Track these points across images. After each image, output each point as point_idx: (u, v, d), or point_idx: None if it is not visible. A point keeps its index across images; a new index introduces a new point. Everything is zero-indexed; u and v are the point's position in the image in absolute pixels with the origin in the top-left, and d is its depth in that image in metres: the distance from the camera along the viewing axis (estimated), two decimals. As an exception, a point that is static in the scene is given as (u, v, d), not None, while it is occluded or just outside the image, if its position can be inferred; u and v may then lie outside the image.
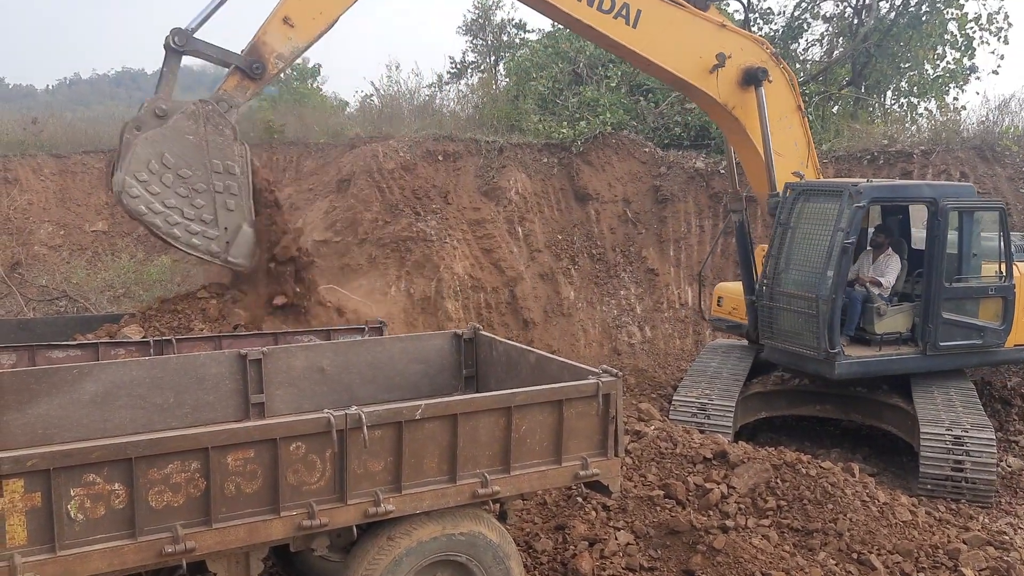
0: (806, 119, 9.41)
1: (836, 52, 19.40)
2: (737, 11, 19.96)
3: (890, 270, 9.62)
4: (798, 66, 19.21)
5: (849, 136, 16.34)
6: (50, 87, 72.85)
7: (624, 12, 8.46)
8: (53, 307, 16.35)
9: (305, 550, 4.69)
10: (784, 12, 19.15)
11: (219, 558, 4.35)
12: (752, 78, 8.68)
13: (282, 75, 30.81)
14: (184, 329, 7.52)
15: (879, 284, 9.53)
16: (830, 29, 19.81)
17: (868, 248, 10.02)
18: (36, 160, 20.21)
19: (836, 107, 19.13)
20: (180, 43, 7.64)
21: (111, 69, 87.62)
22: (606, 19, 8.50)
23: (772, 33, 19.09)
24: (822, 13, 19.27)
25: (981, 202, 9.65)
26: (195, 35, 7.79)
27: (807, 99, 17.29)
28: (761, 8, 19.16)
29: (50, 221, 19.45)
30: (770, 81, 8.74)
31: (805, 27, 19.15)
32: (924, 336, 9.20)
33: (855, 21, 18.64)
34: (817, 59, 19.94)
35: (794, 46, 19.30)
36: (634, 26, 8.54)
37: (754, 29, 19.51)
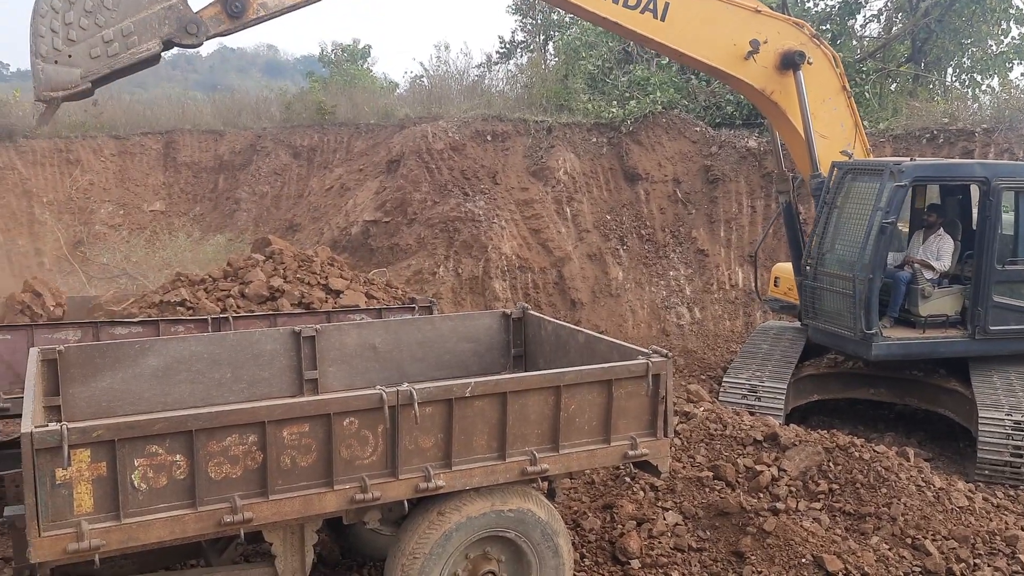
0: (852, 99, 9.23)
1: (895, 28, 18.90)
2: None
3: (944, 252, 9.39)
4: (855, 43, 18.78)
5: (908, 114, 15.95)
6: (109, 70, 74.27)
7: (651, 6, 8.40)
8: (114, 284, 16.81)
9: (357, 523, 4.78)
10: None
11: (275, 529, 4.47)
12: (790, 62, 8.55)
13: (333, 56, 31.08)
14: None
15: (931, 267, 9.34)
16: (888, 4, 19.30)
17: (920, 228, 9.79)
18: (97, 141, 20.73)
19: (894, 85, 18.66)
20: None
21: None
22: (633, 15, 8.45)
23: (828, 9, 18.66)
24: (881, -11, 18.81)
25: None
26: None
27: (864, 76, 16.92)
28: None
29: (110, 201, 19.97)
30: (810, 63, 8.60)
31: (863, 2, 18.68)
32: (974, 320, 8.97)
33: (915, -4, 18.15)
34: (875, 35, 19.46)
35: (851, 22, 18.84)
36: (662, 19, 8.47)
37: (809, 5, 19.10)
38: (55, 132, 20.55)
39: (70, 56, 6.72)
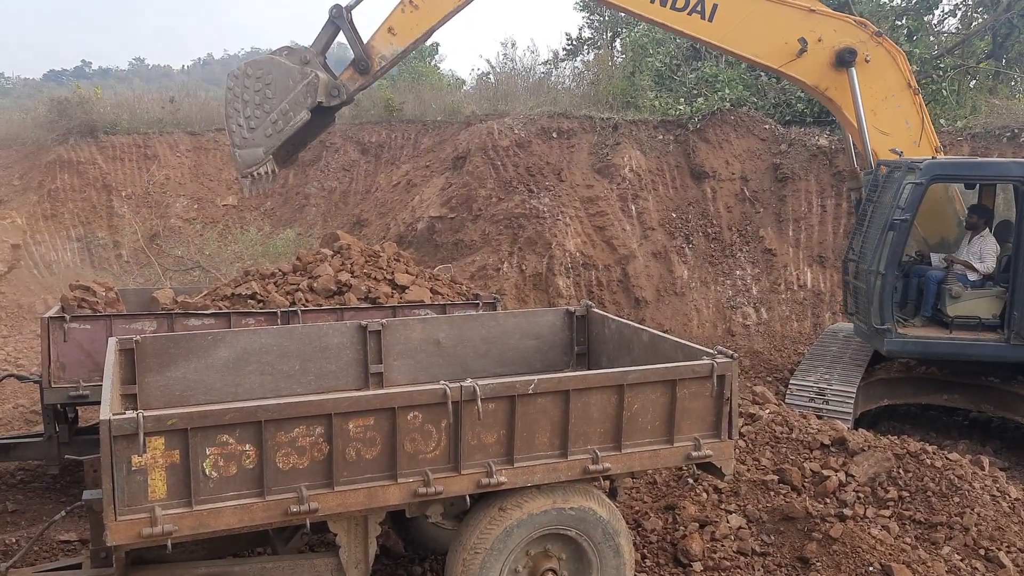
0: (920, 97, 9.03)
1: (974, 24, 18.25)
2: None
3: (987, 253, 9.12)
4: (932, 39, 18.20)
5: (987, 112, 15.40)
6: (185, 67, 76.65)
7: (699, 8, 8.64)
8: (187, 276, 17.31)
9: (420, 516, 4.84)
10: (919, -18, 18.10)
11: (339, 520, 4.55)
12: (843, 59, 8.56)
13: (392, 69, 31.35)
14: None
15: (974, 268, 9.11)
16: (967, 0, 18.66)
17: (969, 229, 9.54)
18: (173, 137, 21.36)
19: (973, 82, 18.04)
20: (333, 14, 9.40)
21: (241, 50, 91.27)
22: (680, 16, 8.71)
23: (904, 3, 18.12)
24: (960, -18, 18.18)
25: None
26: (351, 10, 9.50)
27: (942, 73, 16.39)
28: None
29: (185, 195, 20.55)
30: (867, 61, 8.56)
31: (940, -2, 18.11)
32: (1010, 324, 8.67)
33: (997, -10, 17.50)
34: (953, 31, 18.83)
35: (928, 17, 18.26)
36: (710, 20, 8.70)
37: (884, 1, 18.58)
38: (134, 128, 21.26)
39: (253, 140, 9.09)
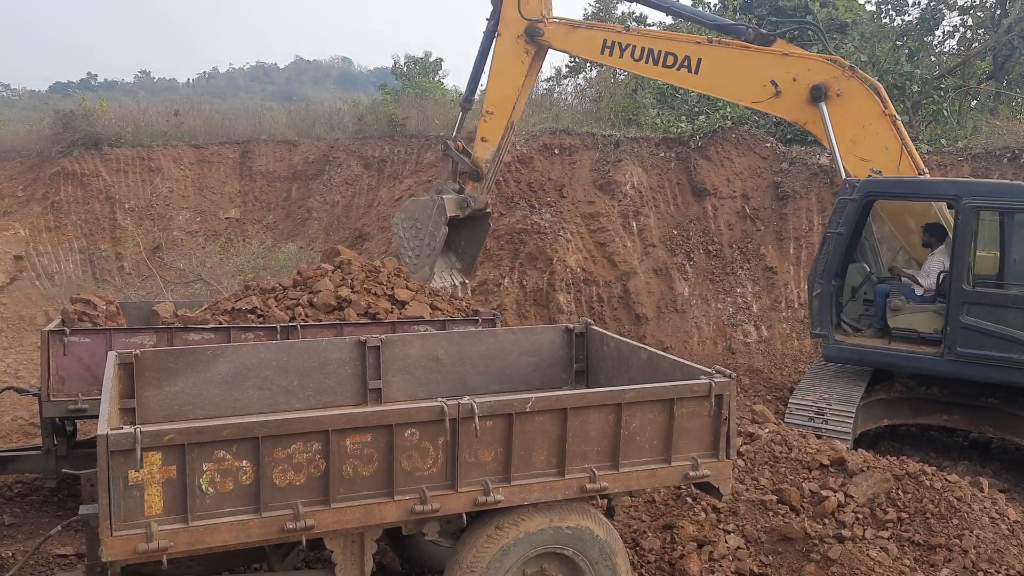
0: (898, 123, 9.37)
1: (975, 44, 18.33)
2: (868, 2, 19.16)
3: (931, 270, 9.43)
4: (933, 59, 18.27)
5: (988, 132, 15.44)
6: (190, 80, 76.97)
7: (686, 63, 9.51)
8: (189, 289, 17.33)
9: (416, 534, 4.82)
10: (919, 3, 18.16)
11: (336, 537, 4.54)
12: (816, 95, 9.11)
13: (405, 69, 31.56)
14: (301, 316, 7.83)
15: (918, 283, 9.49)
16: (967, 20, 18.73)
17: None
18: (177, 150, 21.43)
19: (974, 102, 18.09)
20: (446, 150, 12.17)
21: (246, 63, 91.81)
22: (671, 72, 9.70)
23: (905, 24, 18.21)
24: (959, 4, 18.22)
25: (1022, 203, 8.75)
26: (456, 140, 12.16)
27: (943, 93, 16.45)
28: (894, 0, 18.25)
29: (188, 208, 20.60)
30: (838, 95, 9.09)
31: (940, 18, 18.17)
32: (945, 339, 8.87)
33: (997, 12, 17.56)
34: (954, 52, 18.91)
35: (929, 38, 18.34)
36: (696, 72, 9.54)
37: (885, 20, 18.68)
38: (138, 141, 21.34)
39: (420, 263, 11.59)
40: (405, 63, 31.73)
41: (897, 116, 9.41)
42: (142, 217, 20.20)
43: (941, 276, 9.25)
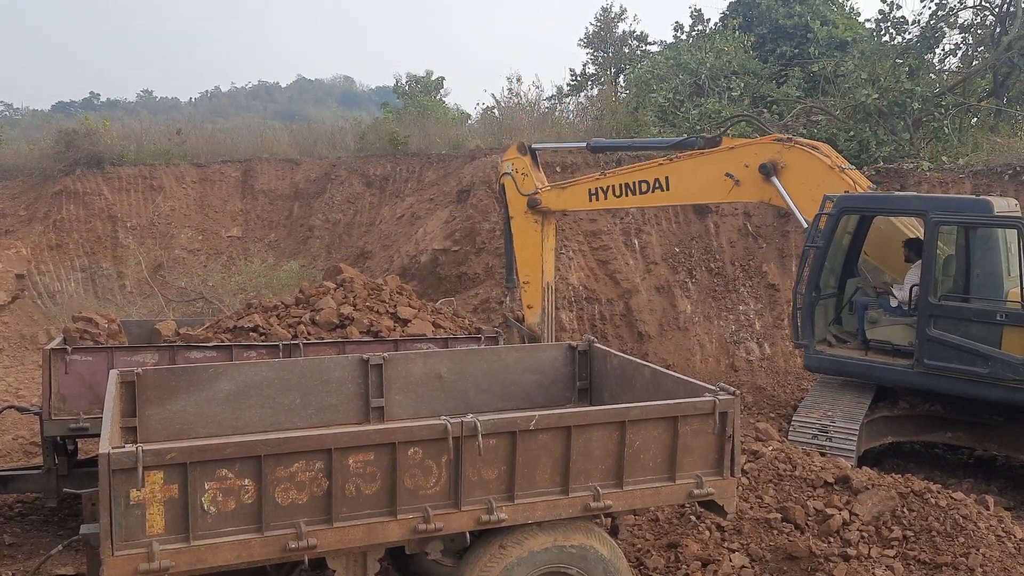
0: (847, 172, 9.81)
1: (975, 62, 18.40)
2: (868, 20, 19.25)
3: (906, 283, 9.55)
4: (933, 76, 18.34)
5: (989, 150, 15.46)
6: (193, 100, 77.39)
7: (657, 185, 10.33)
8: (191, 307, 17.32)
9: (419, 553, 4.79)
10: (919, 22, 18.26)
11: (338, 556, 4.51)
12: (767, 173, 9.67)
13: (407, 88, 31.73)
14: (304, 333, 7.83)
15: (894, 296, 9.67)
16: (967, 39, 18.82)
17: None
18: (179, 169, 21.50)
19: (975, 119, 18.14)
20: (509, 285, 12.31)
21: (248, 82, 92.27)
22: (647, 197, 10.51)
23: (905, 42, 18.30)
24: (959, 22, 18.33)
25: (988, 219, 8.84)
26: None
27: (944, 111, 16.51)
28: (894, 18, 18.34)
29: (190, 226, 20.64)
30: (784, 167, 9.65)
31: (941, 36, 18.26)
32: (916, 352, 8.98)
33: (997, 30, 17.64)
34: (954, 69, 18.98)
35: (929, 56, 18.42)
36: (668, 189, 10.32)
37: (886, 39, 18.77)
38: (141, 160, 21.42)
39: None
40: (407, 82, 31.92)
41: (844, 165, 9.96)
42: (144, 235, 20.25)
43: (913, 290, 9.35)
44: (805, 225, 9.67)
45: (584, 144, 12.54)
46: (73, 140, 21.28)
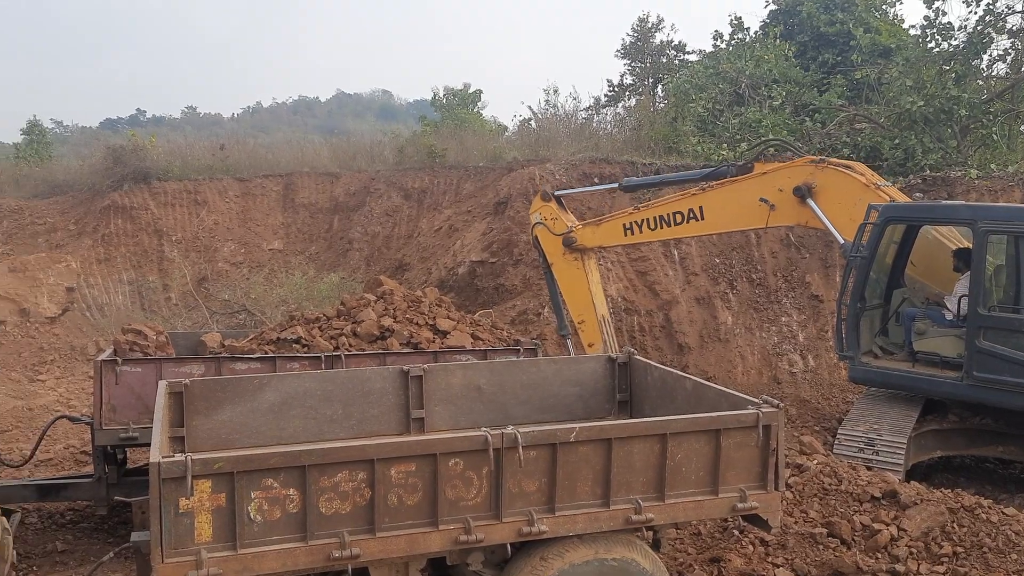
0: (883, 189, 9.67)
1: (1024, 68, 18.04)
2: (913, 27, 18.97)
3: (956, 293, 9.36)
4: (981, 83, 18.02)
5: (1040, 156, 15.15)
6: (235, 115, 78.70)
7: (692, 214, 10.30)
8: (234, 319, 17.58)
9: (460, 564, 4.80)
10: (965, 28, 17.94)
11: (381, 566, 4.54)
12: (801, 195, 9.60)
13: (444, 101, 31.96)
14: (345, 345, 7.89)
15: (947, 308, 9.47)
16: (1016, 44, 18.44)
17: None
18: (222, 183, 21.87)
19: (1024, 126, 17.80)
20: (564, 333, 12.12)
21: (288, 98, 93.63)
22: (683, 227, 10.47)
23: (951, 49, 17.99)
24: (1008, 27, 17.96)
25: None
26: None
27: (992, 117, 16.21)
28: (940, 25, 18.05)
29: (233, 240, 20.97)
30: (818, 188, 9.56)
31: (988, 42, 17.92)
32: (965, 364, 8.78)
33: (1048, 34, 17.30)
34: (1003, 75, 18.62)
35: (976, 62, 18.09)
36: (702, 219, 10.28)
37: (931, 45, 18.48)
38: (185, 175, 21.85)
39: None
40: (444, 95, 32.15)
41: (880, 183, 9.82)
42: (188, 249, 20.62)
43: (962, 300, 9.17)
44: (840, 237, 9.55)
45: (610, 185, 12.79)
46: (121, 156, 21.78)
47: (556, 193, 11.77)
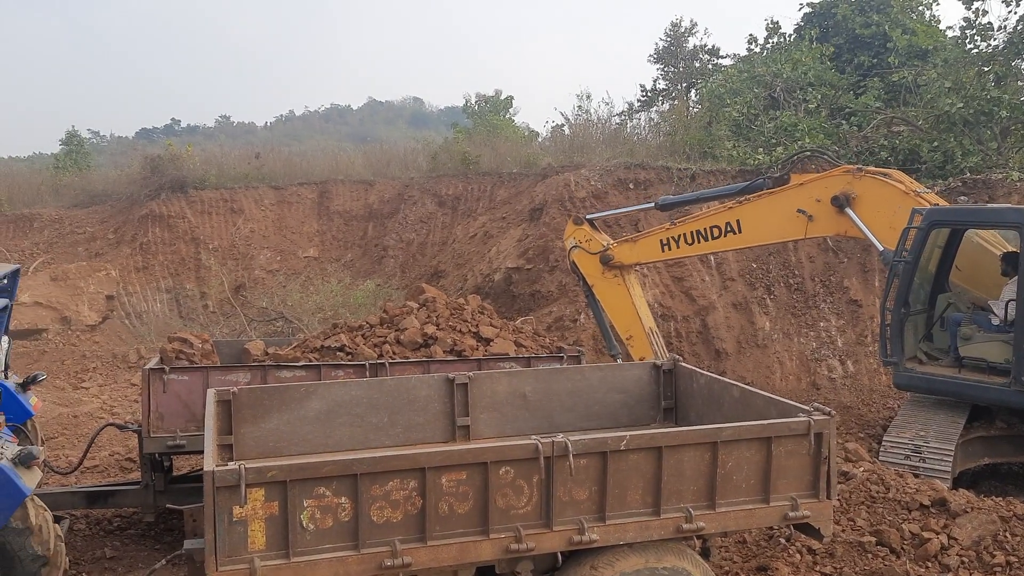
0: (923, 196, 9.54)
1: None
2: (950, 27, 18.70)
3: (1003, 298, 9.16)
4: (1021, 83, 17.71)
5: (1086, 158, 14.86)
6: (268, 124, 79.52)
7: (729, 228, 10.34)
8: (271, 327, 17.74)
9: (510, 573, 4.78)
10: (1005, 28, 17.65)
11: (431, 574, 4.54)
12: (840, 205, 9.54)
13: (476, 107, 32.06)
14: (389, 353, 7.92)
15: (994, 313, 9.28)
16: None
17: None
18: (258, 191, 22.10)
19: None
20: (614, 353, 11.61)
21: (320, 106, 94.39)
22: (719, 241, 10.48)
23: (991, 50, 17.72)
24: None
25: None
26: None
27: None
28: (980, 25, 17.78)
29: (269, 247, 21.17)
30: (856, 197, 9.50)
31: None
32: (1014, 370, 8.56)
33: (1090, 32, 16.97)
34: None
35: (1017, 62, 17.79)
36: (740, 232, 10.29)
37: (969, 46, 18.21)
38: (222, 183, 22.11)
39: None
40: (476, 102, 32.26)
41: (919, 190, 9.73)
42: (225, 257, 20.85)
43: (1009, 305, 9.00)
44: (879, 245, 9.46)
45: (645, 205, 12.76)
46: (158, 166, 22.11)
47: (588, 216, 11.81)
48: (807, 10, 22.38)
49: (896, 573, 5.94)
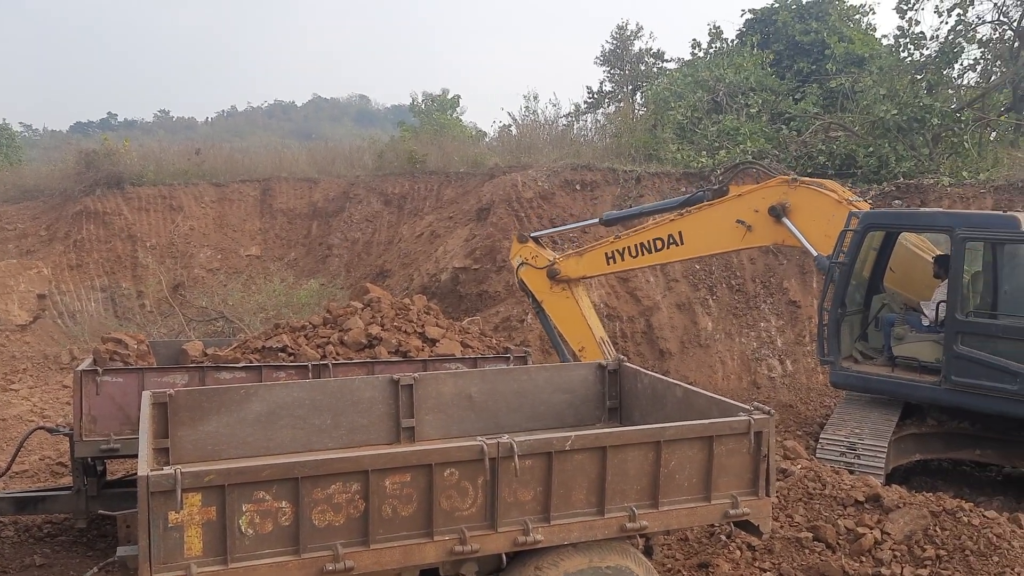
0: (855, 204, 9.82)
1: (993, 77, 18.36)
2: (885, 36, 19.22)
3: (934, 299, 9.54)
4: (951, 92, 18.30)
5: (1009, 164, 15.40)
6: (209, 119, 77.96)
7: (672, 240, 10.53)
8: (211, 327, 17.39)
9: (453, 575, 4.76)
10: (937, 37, 18.22)
11: (373, 578, 4.49)
12: (776, 215, 9.78)
13: (423, 106, 31.90)
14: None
15: (924, 313, 9.63)
16: (986, 54, 18.77)
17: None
18: (198, 188, 21.66)
19: (994, 134, 18.08)
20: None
21: (264, 102, 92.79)
22: (664, 252, 10.68)
23: (923, 58, 18.27)
24: (978, 37, 18.28)
25: (1016, 235, 8.75)
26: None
27: (963, 126, 16.47)
28: (913, 34, 18.32)
29: (209, 246, 20.76)
30: (792, 207, 9.75)
31: (959, 52, 18.22)
32: (943, 369, 8.94)
33: (1015, 44, 17.61)
34: (973, 84, 18.93)
35: (947, 71, 18.39)
36: (682, 243, 10.50)
37: (903, 55, 18.75)
38: (160, 180, 21.60)
39: None
40: (423, 100, 32.11)
41: (852, 198, 9.98)
42: (163, 255, 20.38)
43: (940, 306, 9.31)
44: (814, 251, 9.69)
45: (590, 222, 12.90)
46: (93, 161, 21.50)
47: (532, 235, 11.90)
48: (749, 16, 22.80)
49: (832, 568, 6.06)
